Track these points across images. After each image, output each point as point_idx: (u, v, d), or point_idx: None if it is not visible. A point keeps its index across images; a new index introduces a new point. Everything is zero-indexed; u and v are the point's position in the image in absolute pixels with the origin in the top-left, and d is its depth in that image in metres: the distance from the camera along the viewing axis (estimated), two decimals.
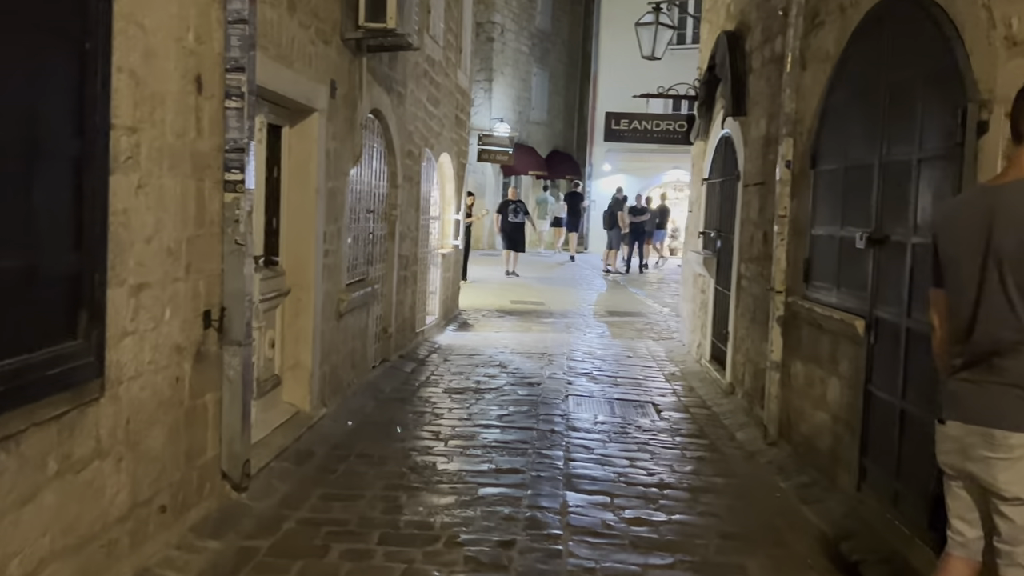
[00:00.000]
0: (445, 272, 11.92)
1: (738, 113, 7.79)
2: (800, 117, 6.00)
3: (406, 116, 8.98)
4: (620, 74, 26.62)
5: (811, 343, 5.59)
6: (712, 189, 9.51)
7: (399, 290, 9.08)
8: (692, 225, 10.88)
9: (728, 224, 8.48)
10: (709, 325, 9.09)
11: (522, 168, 27.85)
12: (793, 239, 6.05)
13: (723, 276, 8.58)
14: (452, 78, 11.71)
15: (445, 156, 11.66)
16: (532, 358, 9.58)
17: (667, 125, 11.15)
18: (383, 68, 7.88)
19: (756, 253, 7.12)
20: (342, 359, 7.04)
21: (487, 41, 26.66)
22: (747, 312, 7.39)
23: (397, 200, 8.73)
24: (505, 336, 11.26)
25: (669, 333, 12.42)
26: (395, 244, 8.78)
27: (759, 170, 7.15)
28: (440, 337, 10.84)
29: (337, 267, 6.76)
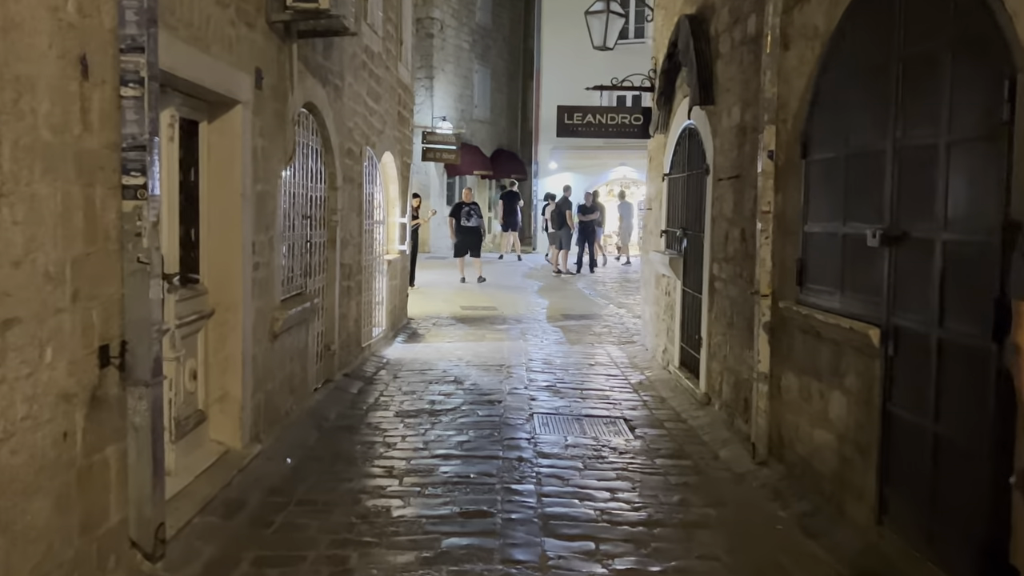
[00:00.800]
0: (392, 280, 11.17)
1: (706, 102, 7.19)
2: (783, 102, 5.40)
3: (344, 111, 8.22)
4: (564, 70, 26.07)
5: (807, 353, 4.99)
6: (675, 185, 8.92)
7: (342, 302, 8.32)
8: (652, 223, 10.29)
9: (696, 222, 7.89)
10: (677, 330, 8.50)
11: (467, 168, 27.13)
12: (780, 237, 5.46)
13: (692, 277, 7.99)
14: (393, 72, 10.96)
15: (388, 155, 10.90)
16: (489, 371, 8.88)
17: (622, 119, 10.52)
18: (317, 57, 7.12)
19: (732, 253, 6.53)
20: (279, 385, 6.27)
21: (426, 37, 25.91)
22: (723, 316, 6.80)
23: (337, 204, 7.97)
24: (458, 347, 10.55)
25: (629, 337, 11.83)
26: (336, 252, 8.01)
27: (733, 163, 6.55)
28: (388, 351, 10.09)
29: (270, 281, 5.99)
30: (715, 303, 7.04)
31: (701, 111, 7.42)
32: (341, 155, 8.09)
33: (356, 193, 8.83)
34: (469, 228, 18.50)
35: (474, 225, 18.54)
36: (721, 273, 6.85)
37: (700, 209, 7.66)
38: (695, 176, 7.91)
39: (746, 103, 6.23)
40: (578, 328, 12.59)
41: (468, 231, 18.51)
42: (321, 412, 6.88)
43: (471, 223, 18.51)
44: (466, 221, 18.50)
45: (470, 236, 18.51)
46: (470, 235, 18.52)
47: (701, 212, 7.61)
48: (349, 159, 8.49)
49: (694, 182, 7.96)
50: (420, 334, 11.66)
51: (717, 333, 6.96)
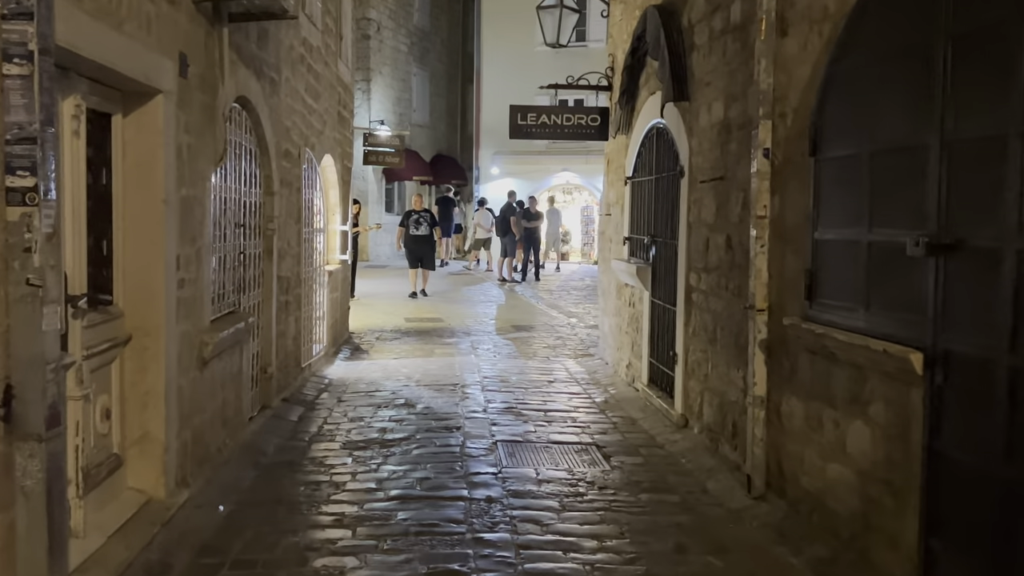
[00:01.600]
0: (333, 292, 10.38)
1: (679, 98, 6.62)
2: (781, 95, 4.84)
3: (281, 108, 7.45)
4: (505, 73, 25.55)
5: (817, 376, 4.42)
6: (639, 189, 8.34)
7: (280, 319, 7.54)
8: (612, 230, 9.71)
9: (667, 228, 7.31)
10: (645, 345, 7.91)
11: (406, 174, 26.34)
12: (778, 245, 4.88)
13: (663, 288, 7.41)
14: (333, 68, 10.19)
15: (328, 158, 10.13)
16: (443, 391, 8.18)
17: (579, 119, 9.91)
18: (251, 46, 6.36)
19: (715, 262, 5.95)
20: (209, 418, 5.48)
21: (363, 39, 25.06)
22: (704, 332, 6.22)
23: (274, 210, 7.20)
24: (406, 363, 9.81)
25: (585, 349, 11.23)
26: (273, 264, 7.23)
27: (715, 163, 5.98)
28: (330, 370, 9.30)
29: (198, 300, 5.21)
30: (693, 317, 6.46)
31: (674, 108, 6.85)
32: (278, 156, 7.33)
33: (294, 199, 8.06)
34: (418, 237, 16.85)
35: (423, 234, 16.87)
36: (700, 284, 6.27)
37: (672, 215, 7.08)
38: (666, 179, 7.34)
39: (731, 97, 5.67)
40: (530, 340, 11.96)
41: (417, 240, 16.85)
42: (258, 446, 6.10)
43: (420, 231, 16.87)
44: (415, 229, 16.87)
45: (420, 245, 16.86)
46: (420, 244, 16.87)
47: (674, 218, 7.04)
48: (287, 161, 7.72)
49: (664, 185, 7.38)
50: (364, 350, 10.89)
51: (696, 350, 6.38)
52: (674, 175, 7.00)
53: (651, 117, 7.80)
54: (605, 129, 9.96)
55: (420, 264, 16.81)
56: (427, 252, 16.94)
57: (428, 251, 16.99)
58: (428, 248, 16.98)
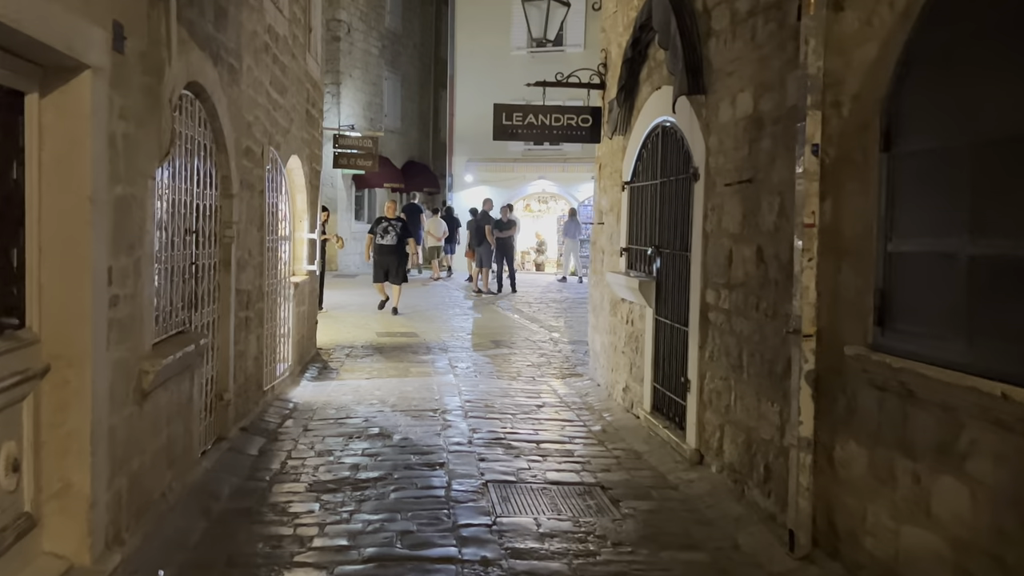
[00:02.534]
0: (299, 306, 9.51)
1: (694, 91, 5.87)
2: (836, 80, 4.08)
3: (242, 100, 6.60)
4: (479, 79, 24.80)
5: (887, 418, 3.66)
6: (640, 194, 7.58)
7: (239, 338, 6.67)
8: (605, 240, 8.94)
9: (675, 238, 6.56)
10: (647, 367, 7.13)
11: (377, 180, 25.46)
12: (831, 259, 4.12)
13: (671, 305, 6.64)
14: (301, 62, 9.35)
15: (295, 160, 9.27)
16: (422, 418, 7.34)
17: (568, 119, 9.14)
18: (206, 26, 5.51)
19: (741, 277, 5.19)
20: (151, 460, 4.61)
21: (333, 40, 24.20)
22: (725, 356, 5.45)
23: (233, 215, 6.34)
24: (379, 385, 8.96)
25: (572, 368, 10.45)
26: (231, 276, 6.37)
27: (741, 164, 5.23)
28: (296, 392, 8.43)
29: (136, 320, 4.34)
30: (711, 339, 5.69)
31: (686, 104, 6.09)
32: (238, 154, 6.47)
33: (257, 203, 7.20)
34: (384, 247, 15.15)
35: (389, 243, 15.10)
36: (721, 302, 5.50)
37: (683, 223, 6.32)
38: (674, 183, 6.58)
39: (763, 87, 4.91)
40: (512, 357, 11.15)
41: (383, 250, 15.16)
42: (210, 487, 5.23)
43: (386, 240, 15.15)
44: (381, 238, 15.20)
45: (385, 256, 15.12)
46: (385, 255, 15.12)
47: (685, 226, 6.28)
48: (248, 160, 6.86)
49: (672, 190, 6.62)
50: (333, 368, 10.02)
51: (715, 377, 5.61)
52: (685, 179, 6.25)
53: (655, 115, 7.04)
54: (597, 130, 9.20)
55: (386, 277, 15.23)
56: (394, 264, 15.15)
57: (395, 263, 15.17)
58: (395, 259, 15.17)
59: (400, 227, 15.36)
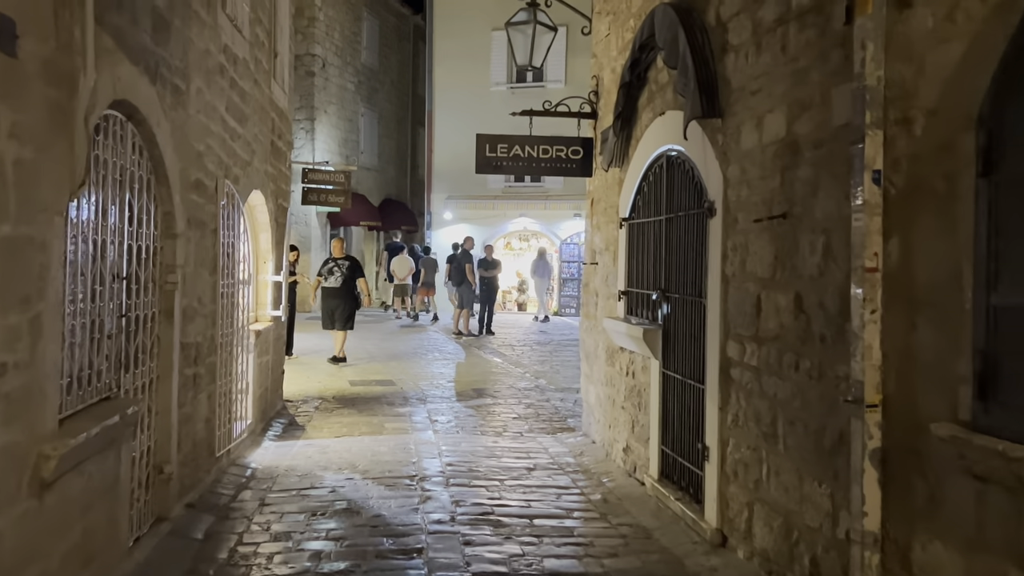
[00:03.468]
0: (262, 356, 8.62)
1: (709, 114, 5.10)
2: (904, 91, 3.31)
3: (190, 126, 5.77)
4: (458, 115, 24.16)
5: (993, 517, 2.84)
6: (641, 232, 6.79)
7: (185, 399, 5.78)
8: (599, 282, 8.14)
9: (685, 281, 5.76)
10: (654, 427, 6.29)
11: (353, 218, 24.62)
12: (901, 311, 3.32)
13: (681, 358, 5.83)
14: (264, 90, 8.55)
15: (257, 195, 8.43)
16: (397, 488, 6.44)
17: (557, 151, 8.39)
18: (141, 36, 4.70)
19: (774, 330, 4.38)
20: (58, 564, 3.69)
21: (307, 76, 23.50)
22: (755, 423, 4.62)
23: (177, 258, 5.49)
24: (351, 444, 8.05)
25: (562, 420, 9.60)
26: (175, 328, 5.50)
27: (769, 196, 4.45)
28: (256, 455, 7.51)
29: (33, 393, 3.45)
30: (736, 401, 4.86)
31: (698, 129, 5.33)
32: (184, 188, 5.63)
33: (209, 243, 6.35)
34: (328, 289, 13.76)
35: (334, 285, 13.70)
36: (748, 358, 4.69)
37: (696, 264, 5.53)
38: (683, 219, 5.79)
39: (799, 105, 4.15)
40: (496, 408, 10.27)
41: (328, 293, 13.78)
42: None
43: (330, 282, 13.74)
44: (326, 280, 13.83)
45: (330, 300, 13.73)
46: (330, 298, 13.73)
47: (698, 269, 5.49)
48: (198, 195, 6.02)
49: (681, 227, 5.84)
50: (299, 424, 9.10)
51: (742, 446, 4.77)
52: (698, 214, 5.47)
53: (658, 143, 6.28)
54: (589, 163, 8.44)
55: (330, 325, 13.75)
56: (339, 308, 13.65)
57: (340, 306, 13.66)
58: (341, 303, 13.67)
59: (347, 267, 13.91)
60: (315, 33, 23.76)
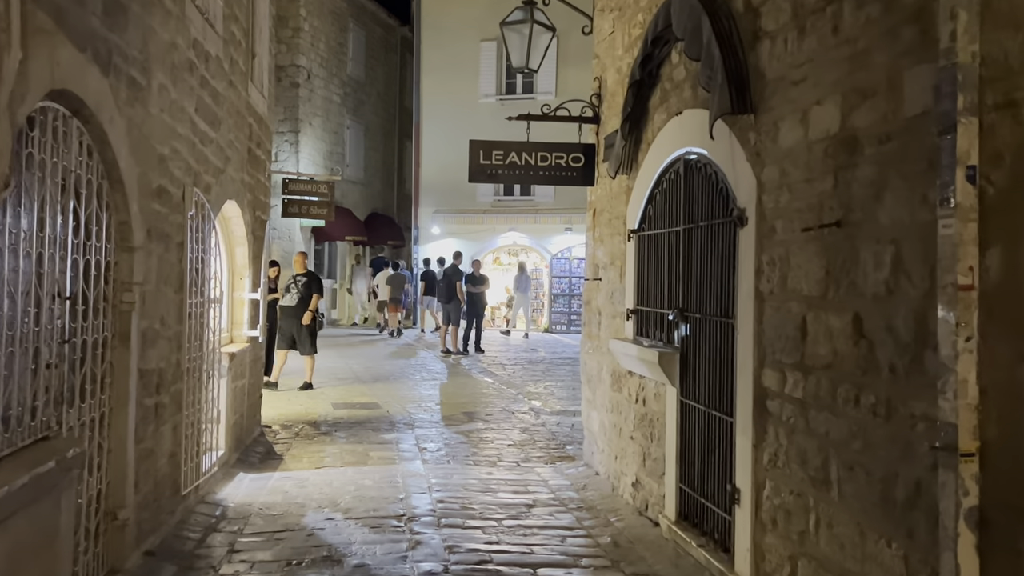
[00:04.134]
0: (237, 380, 7.94)
1: (740, 109, 4.50)
2: (1010, 68, 2.71)
3: (153, 126, 5.13)
4: (446, 128, 23.59)
5: None
6: (653, 245, 6.18)
7: (144, 433, 5.11)
8: (604, 299, 7.52)
9: (708, 299, 5.14)
10: (671, 461, 5.65)
11: (338, 233, 23.97)
12: (1006, 337, 2.71)
13: (703, 385, 5.20)
14: (241, 92, 7.91)
15: (232, 206, 7.78)
16: (383, 530, 5.78)
17: (557, 159, 7.77)
18: (88, 18, 4.06)
19: (826, 357, 3.76)
20: None
21: (292, 87, 22.91)
22: (800, 465, 4.00)
23: (135, 274, 4.83)
24: (332, 477, 7.37)
25: (560, 447, 8.96)
26: (132, 354, 4.84)
27: (820, 201, 3.83)
28: (228, 490, 6.82)
29: None
30: (774, 437, 4.23)
31: (724, 128, 4.72)
32: (144, 195, 4.98)
33: (174, 257, 5.69)
34: (286, 308, 12.50)
35: (289, 304, 12.46)
36: (791, 388, 4.06)
37: (722, 280, 4.91)
38: (706, 230, 5.18)
39: (858, 94, 3.54)
40: (489, 434, 9.62)
41: (286, 312, 12.50)
42: None
43: (286, 300, 12.54)
44: (283, 298, 12.59)
45: (288, 320, 12.47)
46: (288, 318, 12.47)
47: (725, 285, 4.87)
48: (161, 204, 5.37)
49: (703, 239, 5.23)
50: (277, 454, 8.42)
51: (784, 489, 4.14)
52: (724, 224, 4.86)
53: (674, 147, 5.68)
54: (590, 171, 7.84)
55: (293, 344, 12.56)
56: (299, 329, 12.42)
57: (299, 326, 12.41)
58: (299, 323, 12.42)
59: (304, 283, 12.62)
60: (300, 44, 23.18)
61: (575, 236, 23.84)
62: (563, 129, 7.84)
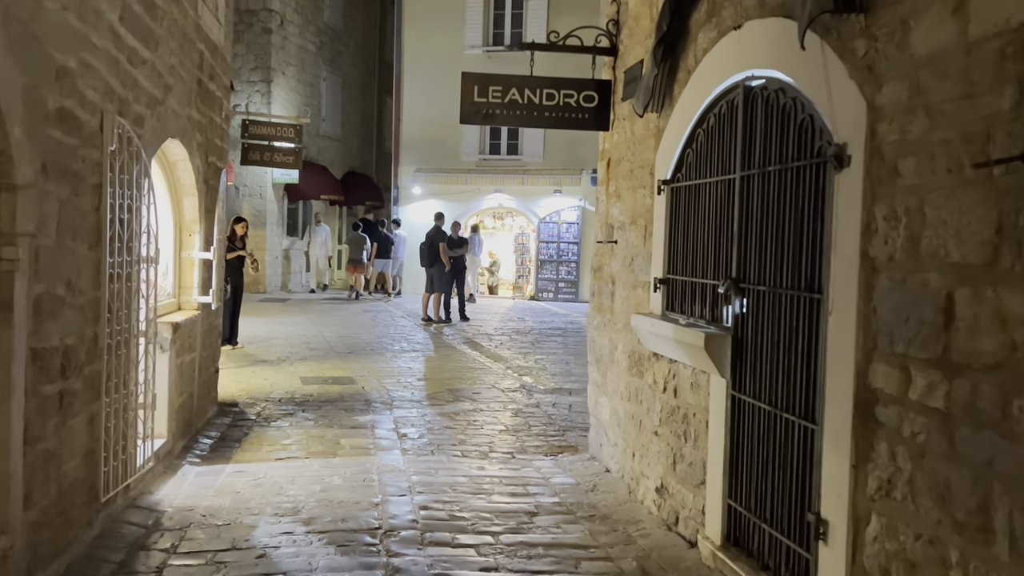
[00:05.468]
0: (185, 354, 6.71)
1: (847, 7, 3.28)
2: None
3: (48, 26, 3.85)
4: (429, 79, 22.27)
5: None
6: (693, 198, 4.99)
7: (42, 431, 3.90)
8: (621, 265, 6.33)
9: (783, 267, 3.96)
10: (717, 470, 4.51)
11: (312, 191, 22.60)
12: None
13: (765, 378, 4.04)
14: (189, 11, 6.59)
15: (177, 147, 6.50)
16: (353, 550, 4.60)
17: (565, 97, 6.54)
18: None
19: (992, 352, 2.59)
20: None
21: (263, 33, 21.44)
22: (936, 500, 2.84)
23: (18, 222, 3.59)
24: (295, 472, 6.19)
25: (561, 434, 7.84)
26: (15, 329, 3.61)
27: (981, 127, 2.65)
28: (168, 489, 5.62)
29: None
30: (888, 457, 3.08)
31: (814, 40, 3.51)
32: (35, 117, 3.72)
33: (88, 204, 4.44)
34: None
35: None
36: (923, 394, 2.89)
37: (802, 241, 3.73)
38: (776, 176, 3.99)
39: None
40: (478, 417, 8.47)
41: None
42: None
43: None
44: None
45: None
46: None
47: (807, 248, 3.69)
48: (66, 132, 4.11)
49: (772, 188, 4.03)
50: (233, 439, 7.22)
51: (905, 531, 2.99)
52: (808, 167, 3.67)
53: (728, 71, 4.47)
54: (605, 113, 6.62)
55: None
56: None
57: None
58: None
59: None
60: None
61: (565, 199, 22.61)
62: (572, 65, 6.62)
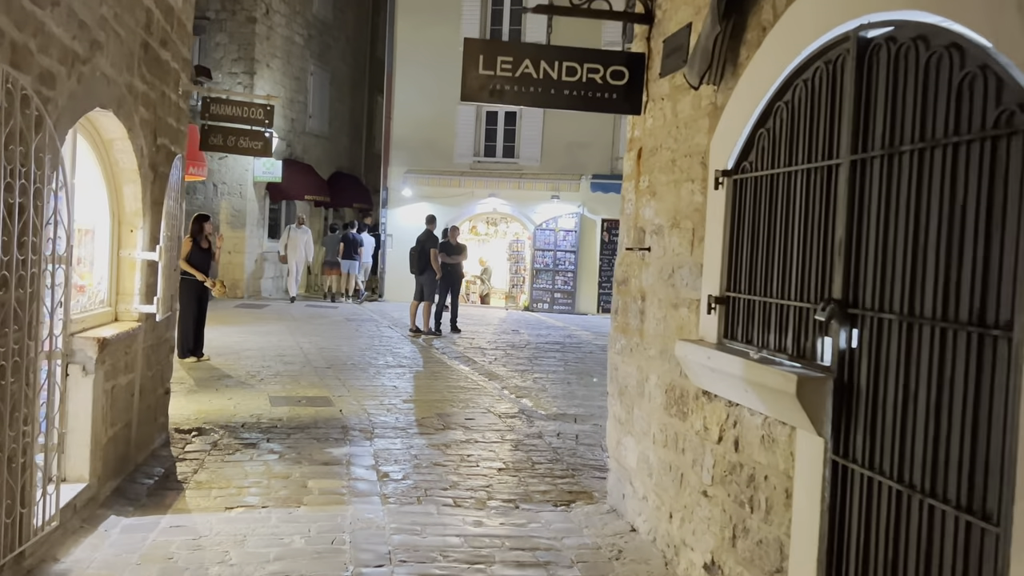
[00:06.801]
0: (117, 377, 5.47)
1: None
2: None
3: None
4: (422, 76, 21.10)
5: None
6: (770, 193, 3.80)
7: None
8: (657, 279, 5.14)
9: (926, 289, 2.76)
10: (809, 559, 3.30)
11: (296, 192, 21.35)
12: None
13: (893, 445, 2.84)
14: None
15: (112, 122, 5.28)
16: None
17: (590, 73, 5.36)
18: None
19: None
20: None
21: (248, 22, 20.22)
22: None
23: None
24: (246, 530, 4.95)
25: (571, 475, 6.65)
26: None
27: None
28: (81, 553, 4.38)
29: None
30: None
31: None
32: None
33: None
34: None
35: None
36: None
37: (971, 253, 2.54)
38: (918, 157, 2.80)
39: None
40: (472, 451, 7.25)
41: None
42: None
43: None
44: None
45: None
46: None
47: (977, 262, 2.50)
48: None
49: (908, 177, 2.84)
50: (180, 479, 5.98)
51: None
52: (983, 142, 2.49)
53: (829, 22, 3.29)
54: (637, 93, 5.43)
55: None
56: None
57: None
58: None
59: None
60: None
61: (562, 205, 21.46)
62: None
